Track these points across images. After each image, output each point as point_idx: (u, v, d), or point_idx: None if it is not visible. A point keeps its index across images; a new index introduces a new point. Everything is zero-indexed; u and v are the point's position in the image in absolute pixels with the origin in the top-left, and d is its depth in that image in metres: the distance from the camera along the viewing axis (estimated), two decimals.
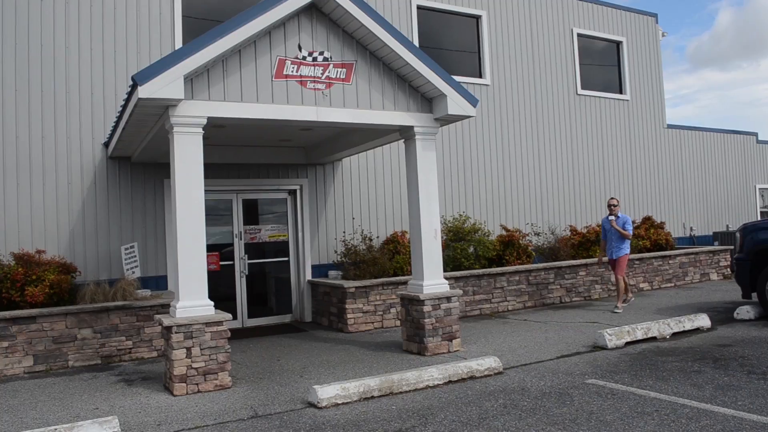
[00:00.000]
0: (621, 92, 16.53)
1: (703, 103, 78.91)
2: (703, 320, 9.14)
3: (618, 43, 16.62)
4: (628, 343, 8.24)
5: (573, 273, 12.56)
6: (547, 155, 14.83)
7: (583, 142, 15.49)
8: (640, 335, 8.39)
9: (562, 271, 12.41)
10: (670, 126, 17.51)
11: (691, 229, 17.60)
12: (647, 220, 15.15)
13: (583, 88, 15.62)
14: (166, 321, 6.66)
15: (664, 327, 8.68)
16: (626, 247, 11.10)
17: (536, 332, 9.34)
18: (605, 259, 11.69)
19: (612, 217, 11.12)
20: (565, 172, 15.08)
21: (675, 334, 8.72)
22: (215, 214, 10.96)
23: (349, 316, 10.08)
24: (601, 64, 16.45)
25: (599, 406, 5.67)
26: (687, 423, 5.11)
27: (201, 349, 6.70)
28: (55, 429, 5.13)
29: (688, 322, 8.98)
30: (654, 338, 8.51)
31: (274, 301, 11.61)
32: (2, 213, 9.33)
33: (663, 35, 17.60)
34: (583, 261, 12.67)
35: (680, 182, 17.54)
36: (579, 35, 15.70)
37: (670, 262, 14.27)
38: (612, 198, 11.42)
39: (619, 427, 5.11)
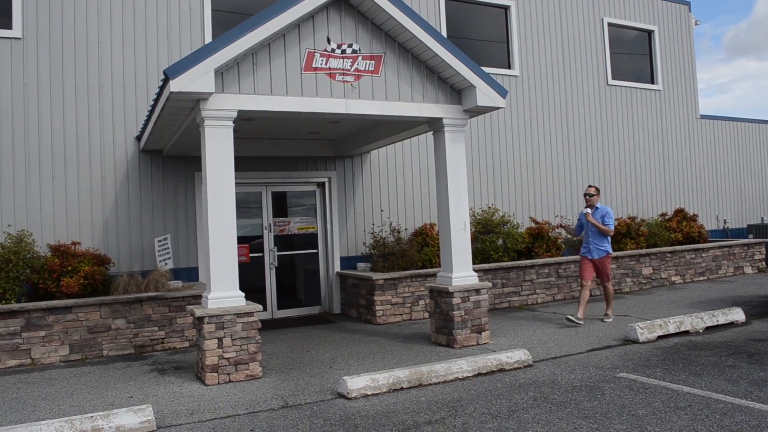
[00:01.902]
0: (653, 82, 16.24)
1: (739, 93, 77.15)
2: (738, 314, 8.98)
3: (649, 32, 16.32)
4: (660, 337, 8.13)
5: None
6: (577, 146, 14.65)
7: (613, 133, 15.27)
8: (672, 329, 8.28)
9: None
10: (703, 116, 17.17)
11: (725, 221, 17.27)
12: (679, 212, 14.92)
13: (613, 78, 15.39)
14: (198, 312, 6.75)
15: (697, 321, 8.55)
16: (608, 246, 9.43)
17: (566, 325, 9.26)
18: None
19: (588, 210, 9.39)
20: (595, 163, 14.89)
21: (708, 328, 8.59)
22: (245, 206, 11.06)
23: (377, 307, 10.12)
24: (633, 54, 16.18)
25: (631, 401, 5.61)
26: (721, 418, 5.03)
27: (232, 340, 6.78)
28: (92, 416, 5.24)
29: (722, 316, 8.83)
30: (687, 332, 8.39)
31: (303, 292, 11.70)
32: (38, 206, 9.54)
33: (696, 23, 17.24)
34: (614, 254, 12.51)
35: (714, 174, 17.20)
36: (609, 24, 15.45)
37: (703, 255, 14.03)
38: (590, 186, 9.65)
39: (651, 421, 5.05)
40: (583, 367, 6.87)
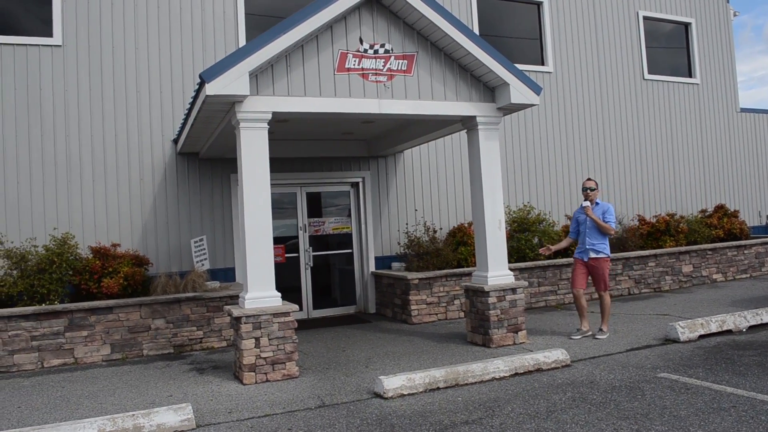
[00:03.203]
0: (690, 76, 15.90)
1: None
2: None
3: (686, 25, 15.98)
4: (701, 336, 7.96)
5: (642, 264, 12.21)
6: (613, 143, 14.42)
7: (650, 129, 14.99)
8: (714, 328, 8.10)
9: (630, 261, 12.08)
10: (743, 110, 16.75)
11: (767, 217, 16.84)
12: (720, 208, 14.57)
13: (650, 72, 15.11)
14: (236, 312, 6.83)
15: (740, 319, 8.34)
16: (605, 247, 8.28)
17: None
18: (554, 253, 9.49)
19: (587, 204, 8.36)
20: (631, 159, 14.64)
21: (752, 327, 8.37)
22: (280, 207, 11.16)
23: (412, 307, 10.11)
24: (669, 47, 15.86)
25: (672, 401, 5.50)
26: (767, 420, 4.91)
27: (269, 339, 6.84)
28: (133, 415, 5.34)
29: (766, 315, 8.60)
30: (729, 331, 8.19)
31: (339, 292, 11.75)
32: (80, 208, 9.77)
33: (735, 15, 16.83)
34: (653, 251, 12.30)
35: (755, 168, 16.76)
36: (645, 18, 15.17)
37: (745, 252, 13.69)
38: (588, 179, 8.56)
39: (694, 422, 4.95)
40: (623, 367, 6.76)
